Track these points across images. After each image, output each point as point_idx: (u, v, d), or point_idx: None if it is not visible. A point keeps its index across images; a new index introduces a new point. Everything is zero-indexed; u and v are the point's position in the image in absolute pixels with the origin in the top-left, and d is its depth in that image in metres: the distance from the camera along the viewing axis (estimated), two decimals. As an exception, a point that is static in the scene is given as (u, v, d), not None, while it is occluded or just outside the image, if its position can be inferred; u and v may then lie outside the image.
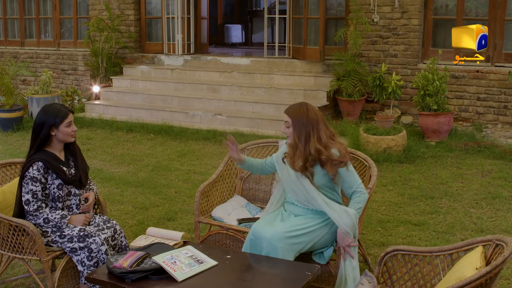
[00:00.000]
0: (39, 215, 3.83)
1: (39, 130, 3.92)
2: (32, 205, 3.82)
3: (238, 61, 10.76)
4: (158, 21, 11.67)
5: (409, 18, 9.17)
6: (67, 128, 3.95)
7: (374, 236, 5.18)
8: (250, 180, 4.89)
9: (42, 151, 3.92)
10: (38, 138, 3.92)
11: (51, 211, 3.87)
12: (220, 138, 8.46)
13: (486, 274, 2.55)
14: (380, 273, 3.36)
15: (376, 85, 8.43)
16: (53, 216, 3.85)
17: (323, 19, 9.58)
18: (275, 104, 9.34)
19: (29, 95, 9.87)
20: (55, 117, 3.92)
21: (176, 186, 6.64)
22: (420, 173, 6.92)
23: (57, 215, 3.86)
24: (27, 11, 13.39)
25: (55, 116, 3.92)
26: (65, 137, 3.97)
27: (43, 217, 3.83)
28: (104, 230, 3.97)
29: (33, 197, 3.83)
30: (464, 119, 8.92)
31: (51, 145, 3.97)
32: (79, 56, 12.35)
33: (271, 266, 3.57)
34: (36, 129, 3.94)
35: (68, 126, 3.95)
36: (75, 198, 4.02)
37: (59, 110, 3.97)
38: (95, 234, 3.84)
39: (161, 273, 3.42)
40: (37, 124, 3.94)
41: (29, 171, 3.84)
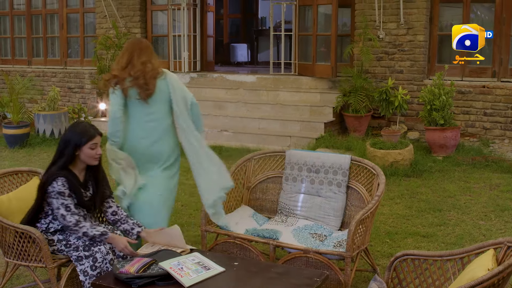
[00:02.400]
0: (79, 230, 3.72)
1: (64, 148, 3.81)
2: (69, 219, 3.71)
3: (244, 78, 10.79)
4: (164, 39, 11.75)
5: (414, 34, 9.21)
6: (91, 151, 3.81)
7: (383, 247, 5.13)
8: (257, 190, 4.87)
9: (63, 168, 3.81)
10: (62, 156, 3.80)
11: (92, 227, 3.76)
12: (226, 154, 8.44)
13: (498, 274, 2.51)
14: (390, 279, 3.31)
15: (382, 99, 8.43)
16: (92, 232, 3.73)
17: (334, 36, 9.65)
18: (281, 120, 9.34)
19: (36, 112, 9.90)
20: (81, 137, 3.79)
21: (182, 200, 6.60)
22: (428, 186, 6.87)
23: (97, 231, 3.74)
24: (35, 30, 13.51)
25: (81, 136, 3.79)
26: (88, 159, 3.84)
27: (82, 231, 3.73)
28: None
29: (67, 210, 3.72)
30: (471, 135, 8.88)
31: (73, 164, 3.85)
32: (85, 74, 12.42)
33: (279, 273, 3.53)
34: (61, 146, 3.83)
35: (93, 149, 3.81)
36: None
37: (87, 130, 3.83)
38: (100, 243, 3.78)
39: (168, 279, 3.39)
40: (63, 141, 3.83)
41: (54, 187, 3.72)
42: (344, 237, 4.08)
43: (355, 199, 4.49)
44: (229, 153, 8.40)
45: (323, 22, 10.04)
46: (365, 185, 4.46)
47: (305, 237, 4.24)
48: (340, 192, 4.51)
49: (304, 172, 4.64)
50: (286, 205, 4.66)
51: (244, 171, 4.85)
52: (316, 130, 9.00)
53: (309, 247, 4.02)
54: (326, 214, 4.51)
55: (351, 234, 3.83)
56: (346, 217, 4.52)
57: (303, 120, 9.22)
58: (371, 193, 4.38)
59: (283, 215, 4.64)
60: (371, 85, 9.17)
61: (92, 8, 12.46)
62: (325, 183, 4.56)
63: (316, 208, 4.55)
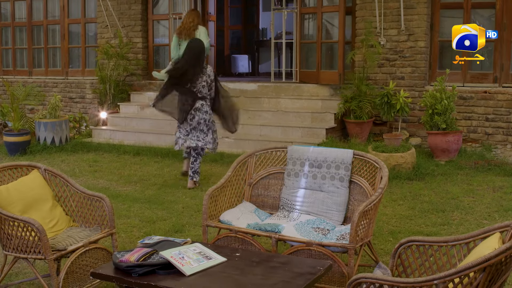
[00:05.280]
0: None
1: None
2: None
3: (245, 86, 10.77)
4: (165, 49, 11.76)
5: (415, 40, 9.21)
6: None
7: (386, 245, 5.07)
8: (259, 186, 4.82)
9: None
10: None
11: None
12: (227, 160, 8.41)
13: (506, 251, 2.45)
14: (395, 266, 3.25)
15: (384, 102, 8.39)
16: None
17: (342, 43, 9.68)
18: (282, 126, 9.31)
19: (37, 119, 9.88)
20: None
21: (183, 202, 6.56)
22: (431, 189, 6.82)
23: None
24: (36, 41, 13.55)
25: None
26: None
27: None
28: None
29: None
30: (473, 140, 8.84)
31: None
32: (87, 84, 12.43)
33: (281, 262, 3.48)
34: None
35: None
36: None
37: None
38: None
39: (168, 268, 3.34)
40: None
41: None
42: (347, 231, 4.03)
43: (358, 193, 4.45)
44: (230, 159, 8.36)
45: (328, 29, 10.07)
46: (368, 179, 4.42)
47: (307, 231, 4.18)
48: (343, 187, 4.46)
49: (306, 167, 4.60)
50: (288, 200, 4.61)
51: (245, 167, 4.81)
52: (318, 136, 8.97)
53: (311, 239, 3.97)
54: (329, 209, 4.46)
55: (354, 225, 3.78)
56: (349, 211, 4.47)
57: (305, 126, 9.19)
58: (374, 187, 4.33)
59: (285, 210, 4.59)
60: (373, 91, 9.15)
61: (93, 18, 12.50)
62: (327, 178, 4.51)
63: (319, 203, 4.50)
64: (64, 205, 4.40)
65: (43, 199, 4.20)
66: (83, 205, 4.31)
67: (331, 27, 10.12)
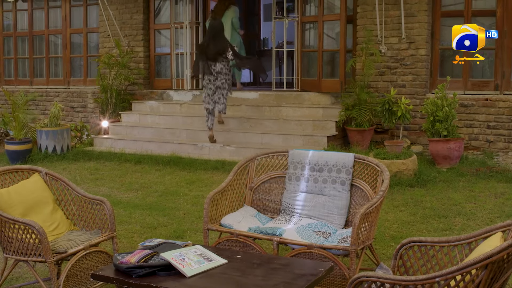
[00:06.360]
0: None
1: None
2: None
3: (246, 95, 10.79)
4: (167, 58, 11.79)
5: (416, 48, 9.22)
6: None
7: (387, 250, 5.05)
8: (260, 191, 4.81)
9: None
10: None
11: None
12: (229, 168, 8.40)
13: (508, 248, 2.44)
14: (396, 267, 3.24)
15: (385, 109, 8.38)
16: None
17: (344, 51, 9.71)
18: (283, 135, 9.32)
19: (39, 128, 9.90)
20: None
21: (184, 209, 6.55)
22: (432, 195, 6.80)
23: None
24: (38, 50, 13.60)
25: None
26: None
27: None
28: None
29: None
30: (474, 148, 8.83)
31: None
32: (88, 93, 12.45)
33: (283, 264, 3.46)
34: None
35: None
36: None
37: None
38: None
39: (169, 270, 3.32)
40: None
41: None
42: (349, 234, 4.01)
43: (359, 197, 4.44)
44: (231, 167, 8.33)
45: (329, 38, 10.09)
46: (369, 183, 4.41)
47: (309, 235, 4.17)
48: (344, 190, 4.46)
49: (307, 171, 4.59)
50: (290, 204, 4.60)
51: (246, 171, 4.81)
52: (319, 144, 8.96)
53: (313, 242, 3.96)
54: (330, 213, 4.44)
55: (356, 227, 3.76)
56: (350, 215, 4.45)
57: (306, 134, 9.19)
58: (375, 190, 4.33)
59: (286, 214, 4.58)
60: (374, 99, 9.15)
61: (95, 28, 12.55)
62: (328, 182, 4.51)
63: (320, 207, 4.49)
64: (64, 209, 4.40)
65: (43, 203, 4.20)
66: (83, 209, 4.31)
67: (332, 36, 10.15)
